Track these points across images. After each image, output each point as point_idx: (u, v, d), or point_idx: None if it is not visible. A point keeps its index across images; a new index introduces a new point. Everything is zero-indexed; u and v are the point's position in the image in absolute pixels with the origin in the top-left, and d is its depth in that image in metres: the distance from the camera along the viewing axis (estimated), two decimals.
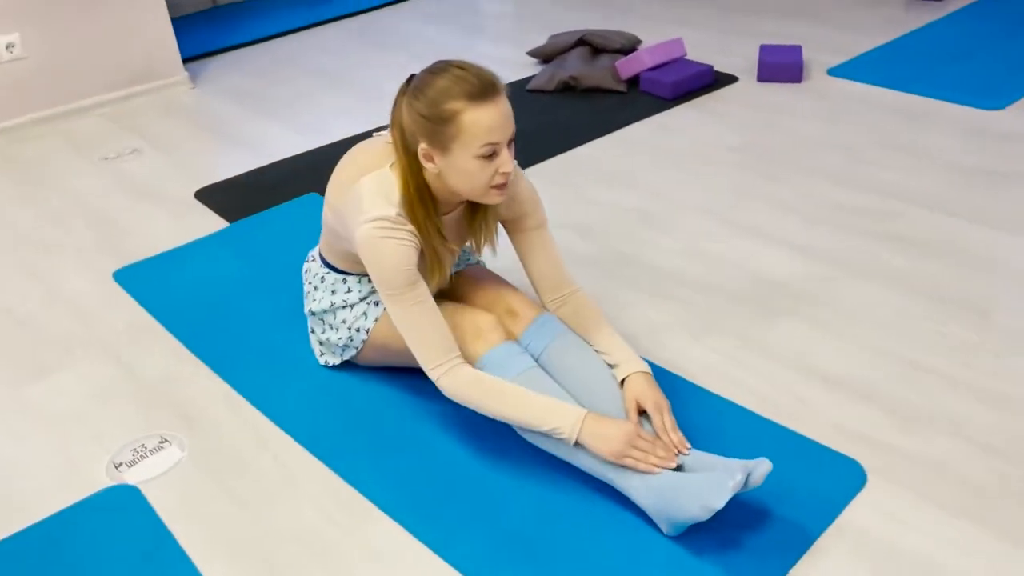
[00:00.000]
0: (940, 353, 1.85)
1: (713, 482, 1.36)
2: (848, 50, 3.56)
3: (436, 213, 1.55)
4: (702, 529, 1.44)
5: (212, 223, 2.56)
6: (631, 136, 2.96)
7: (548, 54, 3.63)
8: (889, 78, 3.25)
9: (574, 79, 3.31)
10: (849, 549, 1.43)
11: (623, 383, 1.59)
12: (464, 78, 1.43)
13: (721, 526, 1.45)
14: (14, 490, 1.65)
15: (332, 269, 1.77)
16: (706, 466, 1.46)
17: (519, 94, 3.33)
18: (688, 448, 1.49)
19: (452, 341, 1.55)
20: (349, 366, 1.88)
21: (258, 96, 3.52)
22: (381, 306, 1.72)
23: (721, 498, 1.33)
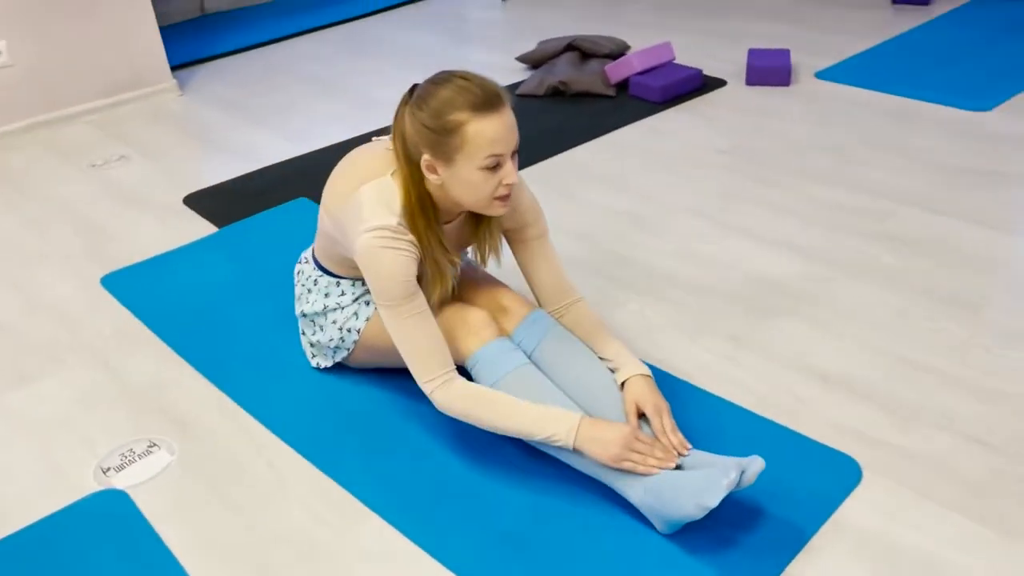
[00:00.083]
0: (934, 350, 1.85)
1: (708, 480, 1.35)
2: (835, 54, 3.57)
3: (437, 222, 1.54)
4: (697, 527, 1.43)
5: (201, 228, 2.54)
6: (621, 140, 2.96)
7: (537, 59, 3.63)
8: (877, 81, 3.26)
9: (563, 84, 3.31)
10: (845, 546, 1.42)
11: (623, 386, 1.58)
12: (468, 89, 1.41)
13: (716, 524, 1.44)
14: None
15: (325, 272, 1.75)
16: (702, 464, 1.44)
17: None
18: (689, 449, 1.48)
19: (447, 355, 1.53)
20: (340, 368, 1.86)
21: (246, 103, 3.51)
22: (372, 306, 1.71)
23: (716, 496, 1.32)
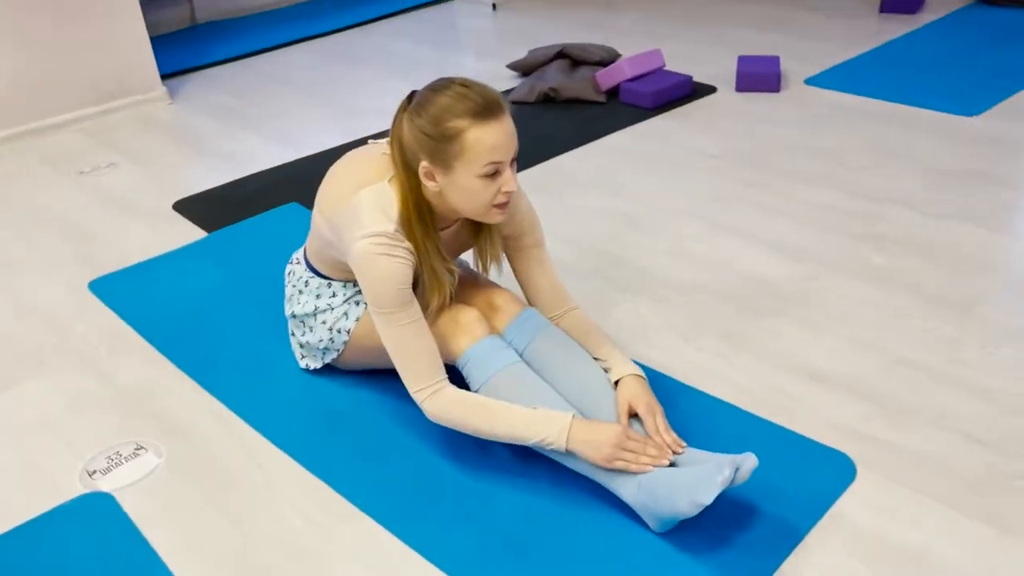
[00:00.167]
0: (926, 348, 1.85)
1: (702, 477, 1.34)
2: (825, 61, 3.59)
3: (435, 230, 1.53)
4: (691, 526, 1.42)
5: (190, 233, 2.52)
6: (613, 145, 2.96)
7: (528, 67, 3.64)
8: (866, 87, 3.28)
9: (554, 90, 3.32)
10: (839, 543, 1.41)
11: (616, 386, 1.57)
12: (467, 96, 1.40)
13: (710, 522, 1.43)
14: None
15: (317, 274, 1.74)
16: (696, 462, 1.43)
17: None
18: (683, 447, 1.47)
19: (439, 363, 1.52)
20: (329, 371, 1.85)
21: (237, 111, 3.50)
22: (362, 306, 1.69)
23: (710, 493, 1.31)
